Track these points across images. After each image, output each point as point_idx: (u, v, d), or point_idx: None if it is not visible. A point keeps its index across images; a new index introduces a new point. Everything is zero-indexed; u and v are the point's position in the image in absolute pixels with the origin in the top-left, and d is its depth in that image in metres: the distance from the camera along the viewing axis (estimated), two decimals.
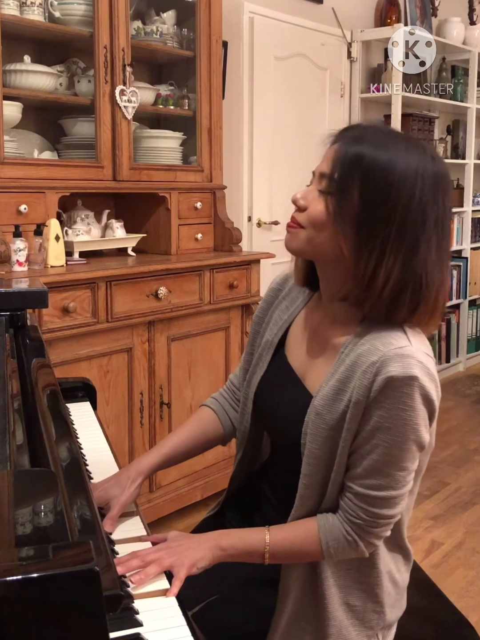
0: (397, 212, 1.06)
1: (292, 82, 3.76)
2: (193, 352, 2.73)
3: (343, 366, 1.12)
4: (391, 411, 1.05)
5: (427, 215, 1.07)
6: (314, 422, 1.13)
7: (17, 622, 0.59)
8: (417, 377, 1.04)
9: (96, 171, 2.57)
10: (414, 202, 1.06)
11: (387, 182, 1.06)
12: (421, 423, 1.07)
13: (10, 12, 2.35)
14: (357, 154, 1.07)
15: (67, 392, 1.63)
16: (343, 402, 1.10)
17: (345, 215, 1.07)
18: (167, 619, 0.95)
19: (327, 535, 1.11)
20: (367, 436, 1.08)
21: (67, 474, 0.98)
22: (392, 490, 1.08)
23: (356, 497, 1.10)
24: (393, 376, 1.04)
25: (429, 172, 1.08)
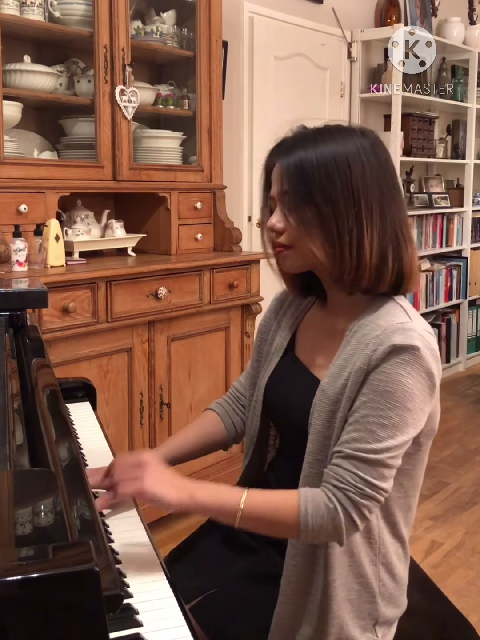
0: (358, 191, 1.13)
1: (292, 82, 3.76)
2: (193, 352, 2.73)
3: (348, 347, 1.16)
4: (391, 376, 1.08)
5: (381, 181, 1.16)
6: (319, 399, 1.16)
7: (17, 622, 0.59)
8: (419, 347, 1.08)
9: (96, 171, 2.57)
10: (366, 176, 1.14)
11: (334, 171, 1.13)
12: (418, 395, 1.09)
13: (10, 12, 2.35)
14: (295, 162, 1.15)
15: (67, 392, 1.63)
16: (344, 376, 1.14)
17: (315, 219, 1.14)
18: (167, 619, 0.95)
19: (307, 502, 1.08)
20: (365, 399, 1.09)
21: (67, 474, 0.98)
22: (383, 455, 1.07)
23: (345, 460, 1.08)
24: (396, 344, 1.08)
25: (366, 145, 1.16)
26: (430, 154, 4.65)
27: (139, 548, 1.12)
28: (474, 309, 5.25)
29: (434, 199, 4.73)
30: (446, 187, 5.02)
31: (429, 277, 4.73)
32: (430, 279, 4.73)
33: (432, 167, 5.04)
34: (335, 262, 1.15)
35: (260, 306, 2.93)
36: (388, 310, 1.15)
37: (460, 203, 4.99)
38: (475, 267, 5.21)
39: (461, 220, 4.99)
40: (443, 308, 4.95)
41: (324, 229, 1.14)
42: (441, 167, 5.05)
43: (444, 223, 4.84)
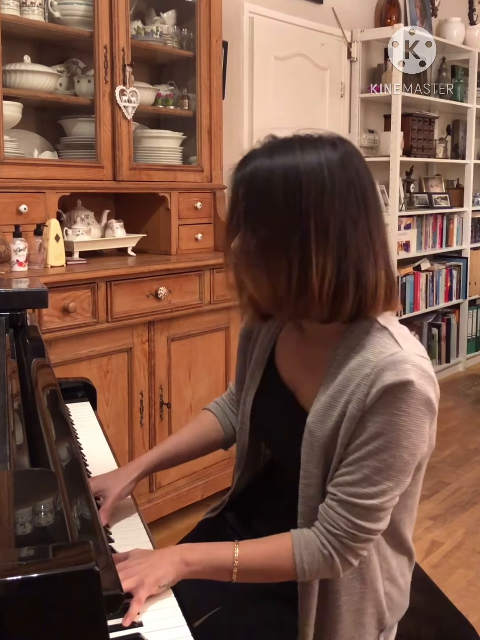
0: (307, 214, 1.01)
1: (292, 82, 3.76)
2: (193, 352, 2.73)
3: (334, 382, 1.09)
4: (384, 416, 1.02)
5: (346, 200, 1.03)
6: (308, 441, 1.10)
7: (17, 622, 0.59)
8: (413, 381, 1.01)
9: (96, 171, 2.57)
10: (324, 195, 1.01)
11: (279, 189, 1.01)
12: (415, 430, 1.02)
13: (10, 12, 2.35)
14: (242, 177, 1.06)
15: (67, 392, 1.63)
16: (334, 417, 1.07)
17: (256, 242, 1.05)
18: (167, 619, 0.95)
19: (302, 550, 1.06)
20: (359, 443, 1.04)
21: (67, 474, 0.98)
22: (378, 500, 1.03)
23: (340, 505, 1.05)
24: (388, 384, 1.01)
25: (333, 159, 1.03)
26: (430, 154, 4.65)
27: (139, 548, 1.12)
28: (474, 309, 5.25)
29: (434, 199, 4.73)
30: (446, 187, 5.02)
31: (429, 277, 4.73)
32: (430, 279, 4.73)
33: (432, 167, 5.04)
34: (268, 293, 1.06)
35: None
36: (374, 339, 1.06)
37: (460, 203, 4.99)
38: (475, 267, 5.21)
39: (461, 220, 4.99)
40: (443, 308, 4.95)
41: (261, 256, 1.04)
42: (441, 167, 5.05)
43: (444, 223, 4.84)
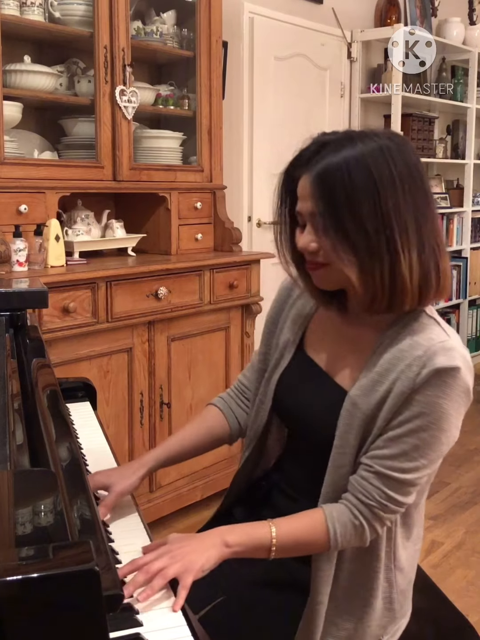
0: (389, 214, 1.06)
1: (292, 82, 3.76)
2: (193, 352, 2.73)
3: (381, 359, 1.13)
4: (430, 398, 1.07)
5: (414, 194, 1.09)
6: (350, 411, 1.14)
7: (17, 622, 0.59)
8: (460, 368, 1.08)
9: (96, 171, 2.57)
10: (398, 194, 1.07)
11: (362, 195, 1.06)
12: (454, 415, 1.09)
13: (10, 12, 2.35)
14: (322, 179, 1.07)
15: (67, 392, 1.63)
16: (380, 392, 1.12)
17: (346, 244, 1.08)
18: (167, 619, 0.95)
19: (335, 522, 1.11)
20: (402, 420, 1.09)
21: (67, 474, 0.98)
22: (412, 475, 1.10)
23: (376, 477, 1.10)
24: (440, 367, 1.07)
25: (391, 146, 1.09)
26: (430, 154, 4.65)
27: (139, 548, 1.12)
28: (474, 309, 5.25)
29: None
30: (446, 187, 5.02)
31: None
32: None
33: (432, 167, 5.03)
34: (367, 288, 1.10)
35: (260, 306, 2.93)
36: (424, 326, 1.13)
37: (460, 203, 4.99)
38: (475, 267, 5.21)
39: (461, 220, 4.99)
40: (443, 308, 4.94)
41: (356, 255, 1.08)
42: (441, 167, 5.05)
43: (444, 223, 4.84)
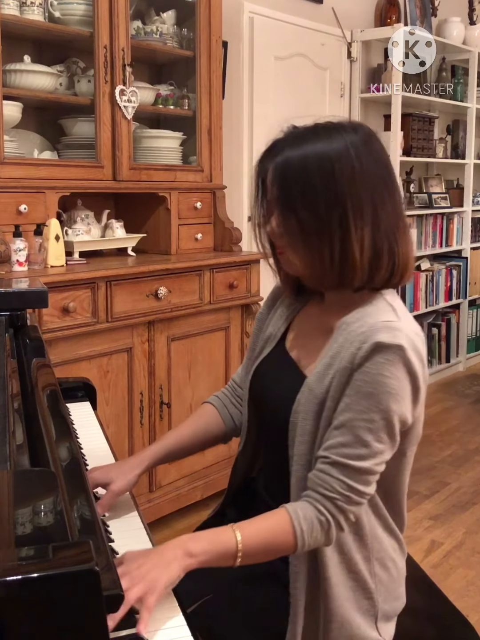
0: (343, 194, 1.10)
1: (292, 82, 3.76)
2: (193, 352, 2.73)
3: (335, 344, 1.14)
4: (375, 377, 1.05)
5: (373, 179, 1.13)
6: (307, 397, 1.14)
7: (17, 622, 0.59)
8: (404, 347, 1.06)
9: (96, 171, 2.57)
10: (355, 176, 1.11)
11: (315, 175, 1.11)
12: (403, 395, 1.07)
13: (10, 12, 2.35)
14: (280, 166, 1.13)
15: (67, 392, 1.63)
16: (330, 374, 1.12)
17: (296, 226, 1.12)
18: (167, 619, 0.95)
19: (300, 521, 1.07)
20: (349, 401, 1.07)
21: (67, 474, 0.98)
22: (369, 462, 1.07)
23: (333, 467, 1.07)
24: (380, 342, 1.06)
25: (356, 141, 1.13)
26: (430, 154, 4.65)
27: (139, 548, 1.12)
28: (474, 309, 5.25)
29: (434, 199, 4.73)
30: (446, 187, 5.02)
31: (429, 277, 4.72)
32: (430, 279, 4.73)
33: (432, 167, 5.03)
34: (313, 267, 1.14)
35: (260, 306, 2.93)
36: (377, 309, 1.13)
37: (460, 203, 4.99)
38: (475, 267, 5.21)
39: (461, 220, 4.99)
40: (443, 308, 4.95)
41: (304, 235, 1.12)
42: (441, 167, 5.05)
43: (444, 223, 4.84)
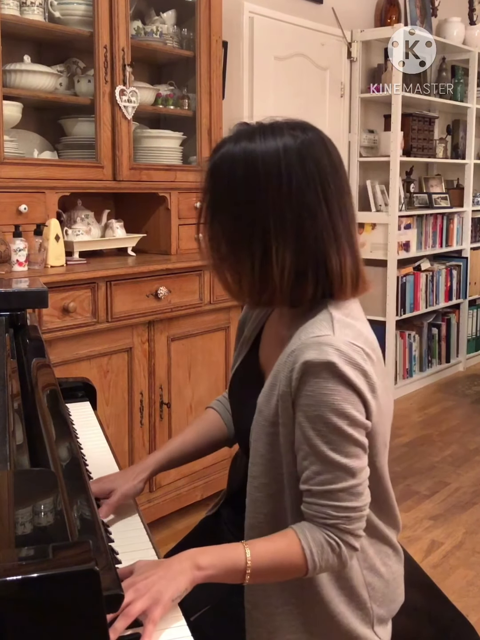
0: (268, 203, 1.04)
1: (292, 82, 3.76)
2: (193, 352, 2.73)
3: (278, 362, 1.11)
4: (315, 398, 1.03)
5: (303, 194, 1.05)
6: (257, 419, 1.12)
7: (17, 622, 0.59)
8: (334, 362, 1.02)
9: (96, 171, 2.57)
10: (283, 185, 1.04)
11: (240, 183, 1.05)
12: (345, 404, 1.03)
13: (10, 12, 2.35)
14: (211, 165, 1.09)
15: (67, 392, 1.63)
16: (275, 395, 1.09)
17: (221, 228, 1.09)
18: (167, 619, 0.95)
19: (310, 543, 1.05)
20: (303, 430, 1.05)
21: (67, 474, 0.98)
22: (350, 479, 1.04)
23: (318, 497, 1.05)
24: (308, 360, 1.03)
25: (291, 147, 1.06)
26: (430, 154, 4.65)
27: (139, 548, 1.12)
28: (474, 309, 5.25)
29: (434, 199, 4.73)
30: (446, 187, 5.02)
31: (429, 277, 4.72)
32: (430, 279, 4.73)
33: (432, 167, 5.03)
34: (241, 281, 1.10)
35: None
36: (314, 321, 1.09)
37: (460, 203, 4.99)
38: (475, 267, 5.21)
39: (461, 220, 4.99)
40: (443, 308, 4.94)
41: (225, 249, 1.09)
42: (441, 167, 5.05)
43: (444, 223, 4.83)
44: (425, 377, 4.73)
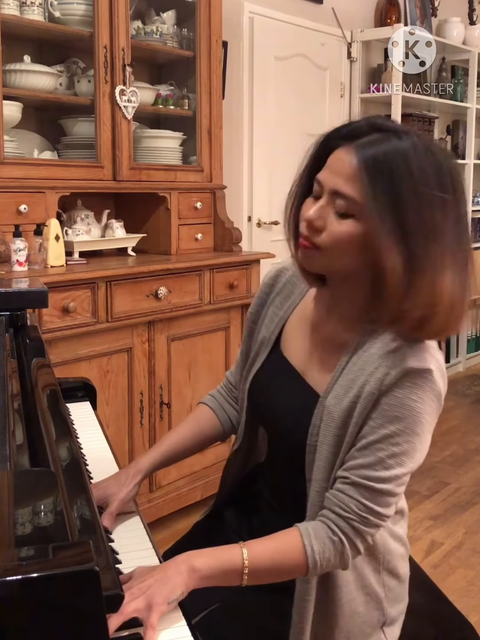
0: (441, 222, 0.99)
1: (292, 82, 3.76)
2: (193, 352, 2.73)
3: (355, 365, 1.08)
4: (403, 400, 1.02)
5: (455, 210, 1.02)
6: (325, 422, 1.09)
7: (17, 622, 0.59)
8: (432, 370, 1.03)
9: (96, 171, 2.57)
10: (447, 204, 1.00)
11: (425, 196, 0.99)
12: (429, 419, 1.04)
13: (10, 12, 2.35)
14: (376, 163, 0.99)
15: (67, 392, 1.63)
16: (349, 398, 1.07)
17: (383, 236, 0.98)
18: (167, 619, 0.95)
19: (311, 540, 1.03)
20: (375, 426, 1.04)
21: (67, 474, 0.98)
22: (390, 484, 1.04)
23: (352, 488, 1.04)
24: (410, 367, 1.02)
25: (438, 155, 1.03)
26: None
27: (139, 548, 1.12)
28: (473, 309, 5.24)
29: None
30: None
31: None
32: None
33: None
34: (360, 281, 1.05)
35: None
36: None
37: None
38: (476, 267, 5.21)
39: None
40: None
41: (402, 251, 0.99)
42: None
43: None
44: None
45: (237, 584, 1.02)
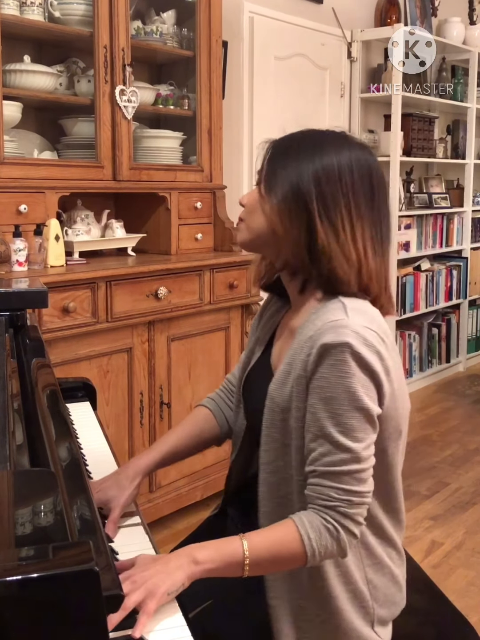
0: (347, 196, 1.15)
1: (292, 82, 3.76)
2: (193, 352, 2.73)
3: (291, 350, 1.15)
4: (330, 379, 1.06)
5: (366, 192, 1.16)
6: (269, 406, 1.15)
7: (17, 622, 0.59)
8: (350, 343, 1.05)
9: (96, 171, 2.57)
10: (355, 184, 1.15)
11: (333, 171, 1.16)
12: (361, 390, 1.06)
13: (10, 12, 2.35)
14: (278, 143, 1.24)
15: (67, 392, 1.63)
16: (289, 383, 1.12)
17: (276, 192, 1.16)
18: (167, 619, 0.95)
19: (307, 529, 1.05)
20: (315, 410, 1.07)
21: (67, 474, 0.98)
22: (355, 463, 1.06)
23: (322, 477, 1.07)
24: (325, 343, 1.06)
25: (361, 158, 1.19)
26: (430, 154, 4.65)
27: (139, 548, 1.12)
28: (474, 309, 5.25)
29: (434, 199, 4.73)
30: (446, 187, 5.02)
31: (429, 277, 4.72)
32: (430, 279, 4.73)
33: (432, 167, 5.03)
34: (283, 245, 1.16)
35: (260, 306, 2.93)
36: (328, 309, 1.12)
37: (460, 203, 4.99)
38: (475, 267, 5.21)
39: (461, 220, 4.99)
40: (443, 308, 4.94)
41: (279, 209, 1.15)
42: (441, 167, 5.05)
43: (444, 223, 4.84)
44: (425, 377, 4.74)
45: (239, 575, 1.05)
